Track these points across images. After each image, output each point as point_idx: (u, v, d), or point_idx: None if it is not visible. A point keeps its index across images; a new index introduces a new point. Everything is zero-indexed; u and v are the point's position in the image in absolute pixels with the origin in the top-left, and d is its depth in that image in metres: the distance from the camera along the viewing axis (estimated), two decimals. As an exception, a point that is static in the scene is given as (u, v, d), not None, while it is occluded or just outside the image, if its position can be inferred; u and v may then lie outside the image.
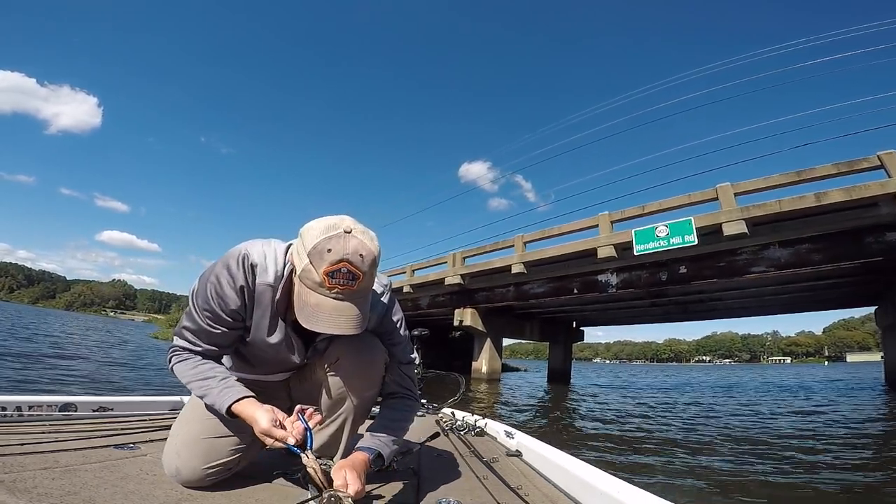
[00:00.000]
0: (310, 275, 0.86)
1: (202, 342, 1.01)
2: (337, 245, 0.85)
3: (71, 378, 6.83)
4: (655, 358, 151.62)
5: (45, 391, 5.36)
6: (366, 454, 1.00)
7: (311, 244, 0.86)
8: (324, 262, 0.85)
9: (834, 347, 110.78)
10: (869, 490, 3.22)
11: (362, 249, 0.86)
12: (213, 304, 0.96)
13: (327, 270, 0.85)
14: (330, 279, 0.85)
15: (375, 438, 1.05)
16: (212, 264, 1.00)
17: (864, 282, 11.33)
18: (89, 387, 6.30)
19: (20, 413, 1.43)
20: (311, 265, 0.86)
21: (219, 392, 0.96)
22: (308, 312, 0.88)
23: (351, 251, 0.85)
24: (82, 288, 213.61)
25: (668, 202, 10.31)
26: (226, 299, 0.96)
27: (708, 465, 3.88)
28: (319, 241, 0.85)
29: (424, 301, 17.57)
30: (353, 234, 0.87)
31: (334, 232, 0.86)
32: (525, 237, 13.10)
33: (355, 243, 0.86)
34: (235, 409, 0.94)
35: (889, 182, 7.56)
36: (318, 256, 0.85)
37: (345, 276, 0.86)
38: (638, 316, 19.10)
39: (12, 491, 0.75)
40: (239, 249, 0.97)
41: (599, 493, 0.97)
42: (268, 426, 0.89)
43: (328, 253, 0.85)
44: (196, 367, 1.00)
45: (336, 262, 0.85)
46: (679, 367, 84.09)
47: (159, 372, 8.99)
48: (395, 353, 1.16)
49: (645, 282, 11.06)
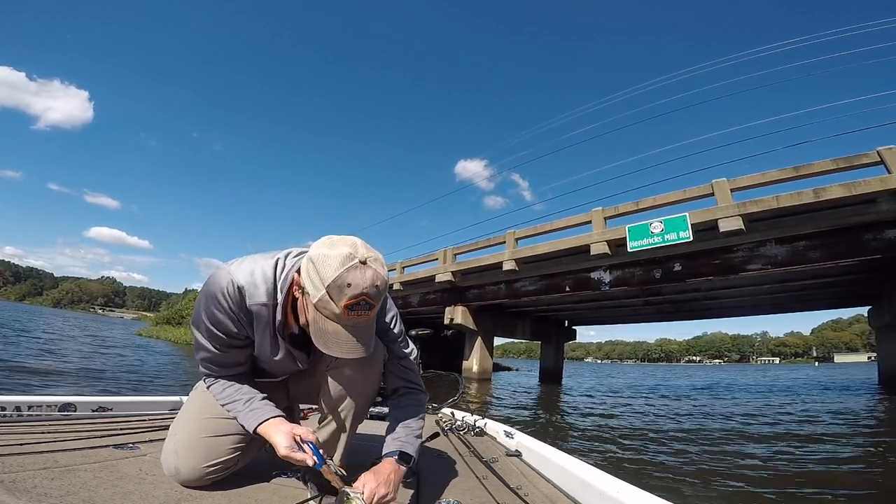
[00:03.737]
0: (328, 306, 0.87)
1: (223, 366, 1.04)
2: (355, 279, 0.85)
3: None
4: (646, 358, 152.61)
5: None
6: (390, 458, 1.01)
7: (329, 277, 0.86)
8: (343, 297, 0.86)
9: (822, 348, 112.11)
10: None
11: (378, 280, 0.88)
12: (214, 331, 0.97)
13: (348, 304, 0.86)
14: (349, 311, 0.87)
15: (395, 440, 1.06)
16: (202, 291, 0.99)
17: (860, 281, 11.23)
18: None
19: (20, 413, 1.42)
20: (328, 297, 0.86)
21: (244, 415, 1.00)
22: (327, 339, 0.90)
23: (369, 284, 0.87)
24: (70, 285, 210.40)
25: (663, 198, 10.10)
26: (224, 325, 0.97)
27: (708, 464, 3.77)
28: (338, 274, 0.85)
29: (415, 299, 17.28)
30: (368, 264, 0.88)
31: (351, 263, 0.86)
32: (517, 233, 12.85)
33: (371, 275, 0.87)
34: (260, 431, 0.98)
35: (889, 178, 7.40)
36: (338, 291, 0.86)
37: (363, 307, 0.88)
38: (631, 315, 18.95)
39: (12, 491, 0.75)
40: (223, 276, 0.96)
41: (599, 493, 0.97)
42: (286, 452, 0.93)
43: (348, 288, 0.85)
44: (224, 391, 1.04)
45: (356, 297, 0.86)
46: (670, 367, 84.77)
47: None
48: (392, 349, 1.17)
49: (639, 279, 10.85)
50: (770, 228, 8.69)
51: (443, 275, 14.69)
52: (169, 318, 37.46)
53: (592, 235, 10.70)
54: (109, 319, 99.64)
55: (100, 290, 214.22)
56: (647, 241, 9.68)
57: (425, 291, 16.64)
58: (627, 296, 13.41)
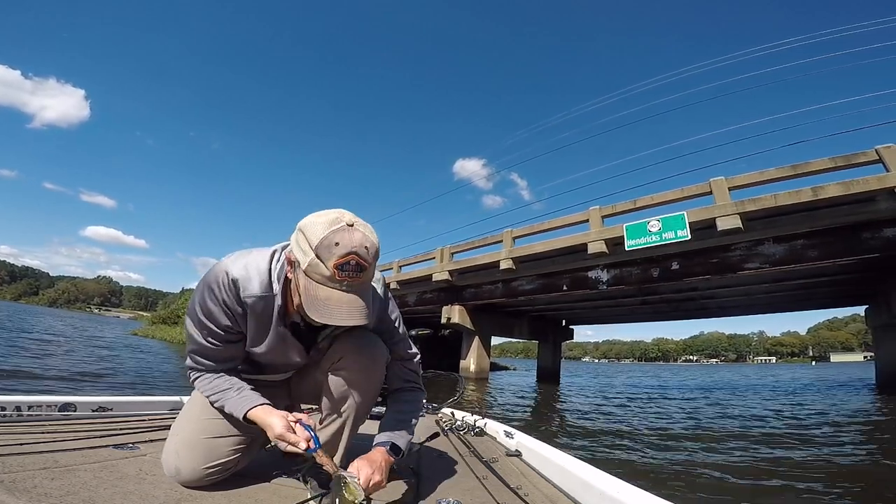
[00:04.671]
0: (318, 269, 0.87)
1: (211, 360, 1.03)
2: (343, 238, 0.86)
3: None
4: (644, 357, 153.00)
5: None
6: (381, 448, 1.02)
7: (316, 239, 0.86)
8: (333, 256, 0.85)
9: (818, 348, 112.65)
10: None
11: (366, 242, 0.88)
12: (208, 324, 0.97)
13: (337, 263, 0.86)
14: (340, 272, 0.86)
15: (387, 431, 1.08)
16: (198, 284, 1.00)
17: (857, 280, 11.21)
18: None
19: (19, 413, 1.42)
20: (318, 259, 0.86)
21: (235, 401, 0.99)
22: (319, 306, 0.88)
23: (357, 244, 0.87)
24: (66, 284, 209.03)
25: (661, 196, 10.06)
26: (218, 318, 0.97)
27: (708, 464, 3.73)
28: (326, 235, 0.86)
29: (411, 298, 17.21)
30: (356, 227, 0.88)
31: (338, 226, 0.87)
32: (514, 232, 12.79)
33: (359, 236, 0.87)
34: (251, 415, 0.97)
35: (887, 176, 7.38)
36: (327, 250, 0.85)
37: (353, 268, 0.87)
38: (628, 314, 18.93)
39: (12, 491, 0.75)
40: (219, 269, 0.97)
41: (599, 493, 0.97)
42: (282, 431, 0.92)
43: (336, 246, 0.85)
44: (212, 382, 1.03)
45: (345, 255, 0.86)
46: (667, 366, 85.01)
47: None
48: (397, 350, 1.17)
49: (636, 278, 10.82)
50: (768, 227, 8.66)
51: (440, 274, 14.62)
52: (165, 318, 37.33)
53: (590, 234, 10.66)
54: (105, 319, 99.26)
55: (96, 289, 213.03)
56: (645, 239, 9.64)
57: (422, 290, 16.56)
58: (624, 295, 13.37)
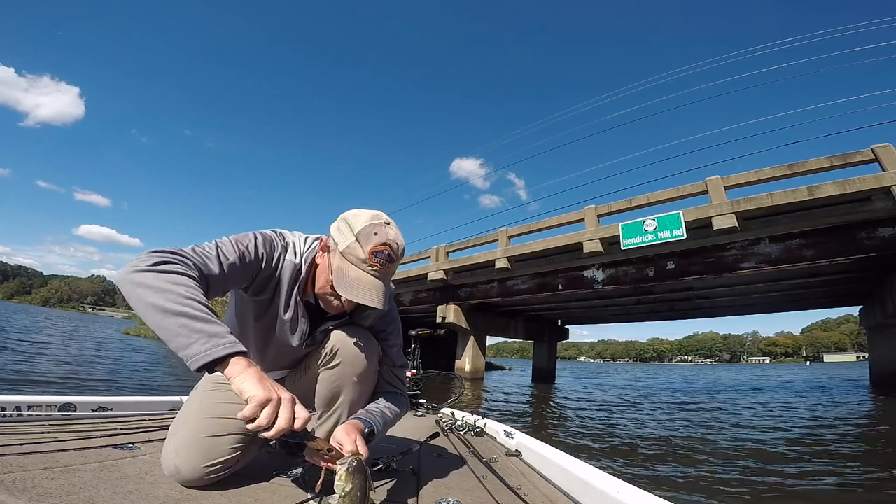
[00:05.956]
0: (355, 251, 0.98)
1: (200, 258, 0.91)
2: (381, 231, 0.99)
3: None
4: (639, 357, 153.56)
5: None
6: (360, 423, 1.02)
7: (359, 226, 0.99)
8: (370, 243, 0.97)
9: (812, 348, 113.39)
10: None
11: (398, 239, 1.02)
12: (235, 247, 0.98)
13: (373, 250, 0.97)
14: (374, 257, 0.97)
15: (367, 413, 1.08)
16: (251, 232, 1.05)
17: (851, 280, 11.21)
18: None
19: (19, 413, 1.42)
20: (357, 243, 0.98)
21: (199, 336, 0.77)
22: (349, 284, 0.97)
23: (392, 238, 1.01)
24: (60, 283, 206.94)
25: (657, 195, 10.01)
26: (247, 253, 0.99)
27: (708, 465, 3.72)
28: (367, 225, 0.99)
29: (406, 297, 17.08)
30: (391, 225, 1.03)
31: (378, 220, 1.01)
32: (510, 231, 12.70)
33: (394, 233, 1.02)
34: (224, 369, 0.79)
35: (883, 175, 7.34)
36: (366, 237, 0.98)
37: (385, 257, 0.99)
38: (623, 314, 18.89)
39: (12, 491, 0.74)
40: (275, 231, 1.09)
41: (599, 493, 0.97)
42: (264, 399, 0.86)
43: (375, 236, 0.98)
44: (177, 281, 0.81)
45: (381, 244, 0.98)
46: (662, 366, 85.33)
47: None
48: (390, 354, 1.21)
49: (632, 278, 10.76)
50: (764, 226, 8.61)
51: (435, 273, 14.50)
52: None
53: (585, 233, 10.58)
54: (99, 318, 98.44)
55: (90, 288, 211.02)
56: (641, 238, 9.57)
57: (417, 290, 16.44)
58: (620, 294, 13.31)
